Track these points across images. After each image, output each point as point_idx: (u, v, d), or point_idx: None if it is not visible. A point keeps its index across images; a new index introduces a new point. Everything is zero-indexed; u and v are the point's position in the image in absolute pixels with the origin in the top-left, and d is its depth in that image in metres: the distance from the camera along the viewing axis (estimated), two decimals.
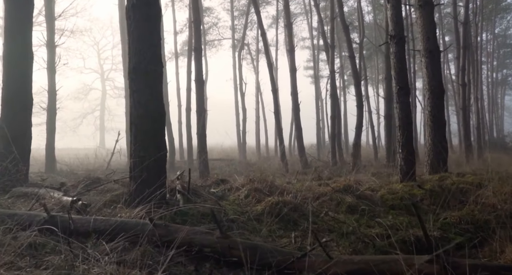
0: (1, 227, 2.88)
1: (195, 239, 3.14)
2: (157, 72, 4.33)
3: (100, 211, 4.15)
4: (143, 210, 3.47)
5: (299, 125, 15.05)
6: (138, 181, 4.20)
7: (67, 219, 3.16)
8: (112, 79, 48.18)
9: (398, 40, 5.60)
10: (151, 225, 3.16)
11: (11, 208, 4.27)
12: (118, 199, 4.46)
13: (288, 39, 14.97)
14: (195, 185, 5.39)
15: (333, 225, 4.09)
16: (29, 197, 4.86)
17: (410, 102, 5.73)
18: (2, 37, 5.95)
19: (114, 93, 47.66)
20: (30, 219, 3.17)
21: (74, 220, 3.16)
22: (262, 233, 3.88)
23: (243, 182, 5.42)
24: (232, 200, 4.92)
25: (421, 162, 9.85)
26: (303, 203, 4.60)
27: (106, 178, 6.64)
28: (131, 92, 4.33)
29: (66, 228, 3.12)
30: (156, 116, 4.31)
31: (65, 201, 4.21)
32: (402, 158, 5.64)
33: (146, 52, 4.25)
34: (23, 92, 5.91)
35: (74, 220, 3.16)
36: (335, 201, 4.63)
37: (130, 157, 4.38)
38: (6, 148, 5.56)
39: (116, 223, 3.19)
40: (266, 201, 4.48)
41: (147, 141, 4.26)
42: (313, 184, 5.86)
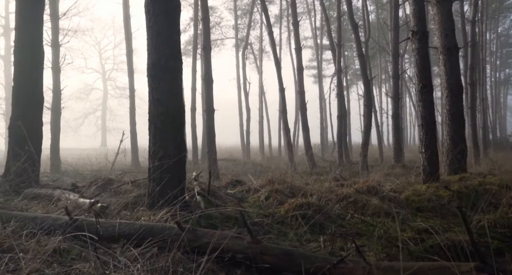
0: (24, 231, 2.72)
1: (225, 244, 2.98)
2: (177, 69, 4.17)
3: (118, 214, 4.00)
4: (168, 213, 3.30)
5: (306, 125, 14.88)
6: (158, 182, 4.04)
7: (90, 222, 3.01)
8: (113, 79, 48.12)
9: (420, 36, 5.44)
10: (179, 229, 3.00)
11: (27, 211, 4.11)
12: (136, 201, 4.31)
13: (295, 38, 14.80)
14: (212, 186, 5.23)
15: (362, 228, 3.93)
16: (43, 198, 4.71)
17: (433, 100, 5.57)
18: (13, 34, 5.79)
19: (116, 93, 47.61)
20: (52, 222, 3.01)
21: (92, 222, 3.00)
22: (289, 237, 3.71)
23: (262, 183, 5.26)
24: (252, 201, 4.77)
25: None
26: (327, 205, 4.44)
27: (117, 179, 6.47)
28: (150, 90, 4.16)
29: (89, 232, 2.96)
30: (176, 114, 4.15)
31: (82, 203, 4.05)
32: (426, 158, 5.48)
33: (166, 48, 4.08)
34: (34, 90, 5.76)
35: (92, 221, 3.00)
36: (360, 203, 4.46)
37: (149, 157, 4.22)
38: (18, 147, 5.40)
39: (141, 227, 3.03)
40: (289, 203, 4.32)
41: (167, 140, 4.10)
42: (332, 184, 5.70)
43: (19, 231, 2.83)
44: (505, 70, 45.30)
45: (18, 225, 2.88)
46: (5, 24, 29.45)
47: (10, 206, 4.27)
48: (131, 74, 17.68)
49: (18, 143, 5.43)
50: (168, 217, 3.28)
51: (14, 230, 2.80)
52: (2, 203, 4.35)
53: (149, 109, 4.19)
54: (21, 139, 5.38)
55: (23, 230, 2.82)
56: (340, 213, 4.33)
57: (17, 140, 5.45)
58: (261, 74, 27.93)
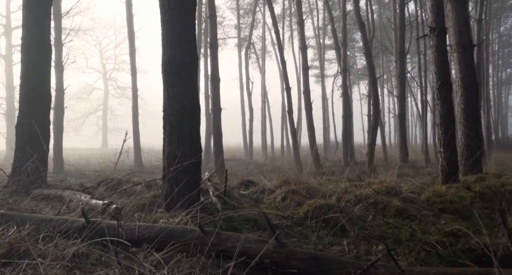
0: (39, 234, 2.58)
1: (250, 248, 2.84)
2: (193, 65, 4.03)
3: (133, 216, 3.86)
4: (188, 216, 3.16)
5: (312, 125, 14.73)
6: (174, 183, 3.90)
7: (108, 225, 2.86)
8: (114, 79, 47.93)
9: (439, 32, 5.28)
10: (201, 233, 2.86)
11: (38, 212, 3.97)
12: (150, 203, 4.16)
13: (300, 37, 14.66)
14: None
15: (386, 230, 3.78)
16: (52, 199, 4.57)
17: (452, 98, 5.43)
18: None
19: (117, 93, 47.44)
20: (68, 225, 2.87)
21: (115, 227, 2.85)
22: (311, 240, 3.57)
23: (276, 183, 5.11)
24: (268, 203, 4.62)
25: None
26: (346, 206, 4.30)
27: (126, 179, 6.33)
28: (165, 87, 4.02)
29: (105, 235, 2.82)
30: (192, 112, 4.01)
31: (95, 204, 3.91)
32: (444, 158, 5.34)
33: (182, 43, 3.94)
34: (42, 87, 5.62)
35: (114, 226, 2.85)
36: (381, 204, 4.32)
37: (164, 157, 4.07)
38: (26, 147, 5.25)
39: (161, 230, 2.89)
40: (308, 204, 4.18)
41: (182, 140, 3.96)
42: (347, 185, 5.56)
43: (35, 234, 2.69)
44: (507, 70, 45.16)
45: (33, 228, 2.74)
46: (6, 23, 29.26)
47: (20, 207, 4.13)
48: (134, 74, 17.54)
49: (26, 142, 5.28)
50: (188, 219, 3.13)
51: (29, 233, 2.66)
52: (11, 204, 4.21)
53: (164, 107, 4.05)
54: (29, 138, 5.24)
55: (38, 233, 2.69)
56: (360, 215, 4.19)
57: (24, 139, 5.30)
58: (264, 74, 27.79)
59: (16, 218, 2.88)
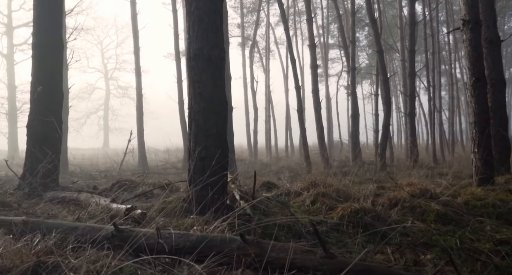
0: (66, 243, 2.32)
1: (296, 259, 2.57)
2: (221, 59, 3.77)
3: (156, 221, 3.59)
4: (225, 222, 2.89)
5: (320, 124, 14.47)
6: (200, 186, 3.64)
7: (140, 234, 2.60)
8: (115, 79, 47.66)
9: (473, 25, 5.01)
10: (242, 242, 2.60)
11: (55, 217, 3.71)
12: (172, 206, 3.90)
13: (309, 35, 14.38)
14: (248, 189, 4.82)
15: (430, 237, 3.52)
16: (68, 202, 4.30)
17: (487, 95, 5.17)
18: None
19: (118, 93, 47.15)
20: (94, 233, 2.60)
21: (149, 235, 2.59)
22: (351, 248, 3.31)
23: (302, 186, 4.85)
24: (296, 206, 4.36)
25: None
26: (381, 210, 4.03)
27: (140, 180, 6.06)
28: (190, 83, 3.75)
29: (137, 244, 2.56)
30: (220, 110, 3.75)
31: (116, 208, 3.65)
32: (479, 159, 5.07)
33: (209, 35, 3.67)
34: (54, 85, 5.35)
35: (148, 235, 2.59)
36: (418, 208, 4.05)
37: (189, 158, 3.81)
38: (37, 147, 4.98)
39: (198, 239, 2.62)
40: (342, 208, 3.91)
41: (210, 139, 3.69)
42: (373, 187, 5.29)
43: (61, 243, 2.43)
44: (510, 70, 44.90)
45: (59, 237, 2.47)
46: (8, 22, 28.96)
47: (36, 211, 3.86)
48: (138, 73, 17.26)
49: (37, 142, 5.02)
50: (225, 226, 2.86)
51: (55, 242, 2.40)
52: (26, 208, 3.94)
53: (189, 105, 3.79)
54: (41, 138, 4.98)
55: (65, 242, 2.42)
56: (397, 219, 3.93)
57: (36, 139, 5.04)
58: (268, 73, 27.52)
59: (39, 225, 2.62)
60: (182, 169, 14.96)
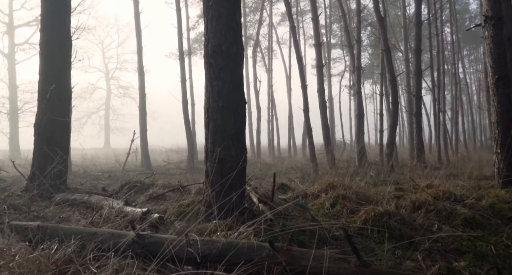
0: (85, 251, 2.16)
1: (329, 268, 2.42)
2: (240, 56, 3.61)
3: (173, 225, 3.44)
4: (250, 228, 2.73)
5: (326, 124, 14.31)
6: (218, 188, 3.48)
7: (162, 240, 2.44)
8: (116, 78, 47.48)
9: (496, 21, 4.84)
10: (271, 250, 2.44)
11: (66, 220, 3.55)
12: (188, 210, 3.74)
13: (314, 34, 14.22)
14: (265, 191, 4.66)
15: (460, 242, 3.36)
16: (78, 205, 4.14)
17: (510, 94, 4.98)
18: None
19: (119, 93, 46.97)
20: (114, 239, 2.44)
21: (172, 242, 2.43)
22: (379, 254, 3.15)
23: (319, 187, 4.69)
24: (316, 209, 4.21)
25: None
26: (407, 214, 3.87)
27: (149, 182, 5.90)
28: (208, 81, 3.59)
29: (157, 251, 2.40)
30: (239, 109, 3.59)
31: (131, 212, 3.49)
32: (502, 160, 4.90)
33: (228, 31, 3.51)
34: (61, 83, 5.19)
35: (171, 241, 2.43)
36: (444, 211, 3.89)
37: (206, 159, 3.65)
38: (45, 147, 4.82)
39: (224, 246, 2.46)
40: (365, 212, 3.75)
41: (229, 139, 3.53)
42: (391, 189, 5.14)
43: (79, 251, 2.27)
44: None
45: (77, 243, 2.31)
46: (9, 21, 28.79)
47: (47, 215, 3.71)
48: (141, 72, 17.09)
49: (45, 142, 4.86)
50: (250, 232, 2.70)
51: (74, 250, 2.24)
52: (36, 211, 3.78)
53: (207, 104, 3.63)
54: (49, 138, 4.81)
55: (84, 249, 2.27)
56: (423, 223, 3.77)
57: (44, 139, 4.88)
58: (271, 73, 27.35)
59: (56, 231, 2.46)
60: (186, 169, 14.81)
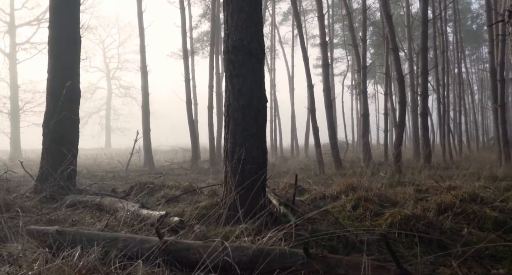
0: (112, 260, 2.00)
1: None
2: (262, 52, 3.45)
3: (192, 229, 3.27)
4: (280, 233, 2.57)
5: (332, 124, 14.18)
6: (240, 190, 3.32)
7: (188, 246, 2.29)
8: (117, 78, 47.28)
9: None
10: (305, 257, 2.29)
11: (81, 224, 3.39)
12: (205, 213, 3.58)
13: (320, 32, 14.06)
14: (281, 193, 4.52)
15: (497, 248, 3.20)
16: (90, 207, 3.98)
17: None
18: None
19: (120, 93, 46.77)
20: (137, 245, 2.29)
21: (199, 248, 2.27)
22: (410, 260, 2.99)
23: (339, 189, 4.54)
24: (337, 211, 4.04)
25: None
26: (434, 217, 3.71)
27: (160, 183, 5.74)
28: (229, 78, 3.44)
29: (185, 259, 2.25)
30: (260, 108, 3.43)
31: (148, 215, 3.33)
32: None
33: (249, 26, 3.36)
34: (71, 81, 5.01)
35: (199, 247, 2.27)
36: (472, 214, 3.74)
37: (226, 160, 3.50)
38: (54, 147, 4.66)
39: (255, 253, 2.31)
40: (391, 215, 3.60)
41: (250, 139, 3.38)
42: (410, 190, 4.98)
43: (102, 258, 2.11)
44: None
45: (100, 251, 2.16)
46: (10, 21, 28.61)
47: (59, 218, 3.55)
48: (144, 72, 16.92)
49: (54, 142, 4.70)
50: (280, 237, 2.54)
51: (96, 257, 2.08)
52: (48, 214, 3.63)
53: (227, 102, 3.47)
54: (59, 138, 4.65)
55: (106, 256, 2.11)
56: (452, 227, 3.61)
57: (52, 139, 4.72)
58: (273, 73, 27.22)
59: (75, 236, 2.30)
60: (190, 169, 14.65)
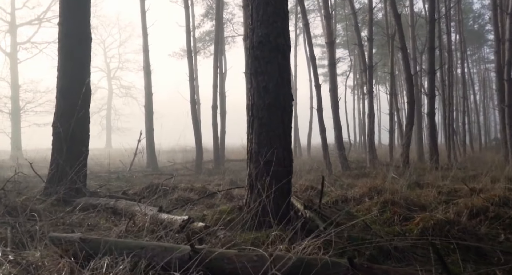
0: (142, 271, 1.82)
1: None
2: (288, 48, 3.28)
3: (215, 235, 3.09)
4: (318, 241, 2.39)
5: (338, 124, 14.00)
6: (268, 195, 3.14)
7: (222, 256, 2.11)
8: (118, 78, 47.04)
9: None
10: (349, 267, 2.11)
11: (97, 228, 3.21)
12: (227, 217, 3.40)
13: (327, 31, 13.91)
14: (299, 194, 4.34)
15: None
16: (106, 211, 3.80)
17: None
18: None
19: (121, 93, 46.53)
20: (166, 254, 2.10)
21: (233, 258, 2.09)
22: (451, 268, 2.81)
23: (361, 191, 4.36)
24: (362, 215, 3.86)
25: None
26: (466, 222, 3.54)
27: (172, 185, 5.56)
28: (253, 75, 3.26)
29: (221, 269, 2.07)
30: (286, 106, 3.26)
31: (167, 219, 3.15)
32: None
33: (276, 20, 3.18)
34: (81, 80, 4.84)
35: (236, 257, 2.09)
36: (508, 219, 3.56)
37: (249, 161, 3.32)
38: (64, 148, 4.47)
39: (294, 263, 2.13)
40: (422, 219, 3.42)
41: (275, 140, 3.20)
42: (435, 193, 4.81)
43: (132, 269, 1.94)
44: None
45: (130, 261, 1.98)
46: (11, 20, 28.41)
47: (73, 222, 3.37)
48: (147, 71, 16.74)
49: (65, 142, 4.52)
50: (318, 245, 2.36)
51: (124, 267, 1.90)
52: (62, 217, 3.45)
53: (251, 100, 3.30)
54: (68, 137, 4.48)
55: (136, 267, 1.93)
56: (486, 232, 3.44)
57: (63, 139, 4.54)
58: None
59: (99, 244, 2.12)
60: (194, 169, 14.47)
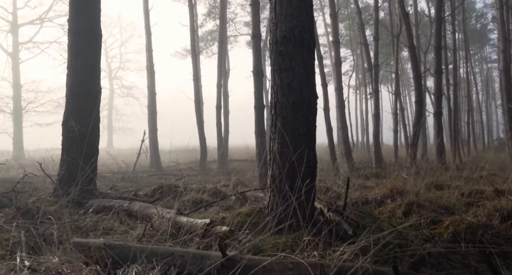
0: None
1: None
2: (313, 43, 3.13)
3: (236, 239, 2.95)
4: (358, 246, 2.24)
5: (344, 124, 13.91)
6: (289, 196, 2.99)
7: (256, 263, 1.97)
8: (119, 78, 46.86)
9: None
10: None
11: (113, 232, 3.07)
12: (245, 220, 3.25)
13: (333, 30, 13.79)
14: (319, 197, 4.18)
15: None
16: (120, 213, 3.65)
17: None
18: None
19: (122, 93, 46.33)
20: (196, 262, 1.96)
21: (269, 266, 1.95)
22: None
23: (383, 193, 4.21)
24: (386, 218, 3.72)
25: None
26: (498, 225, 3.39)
27: (184, 185, 5.41)
28: (277, 71, 3.11)
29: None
30: (311, 104, 3.11)
31: (187, 223, 3.01)
32: None
33: (301, 14, 3.04)
34: (91, 78, 4.71)
35: (271, 265, 1.95)
36: None
37: (272, 162, 3.17)
38: (74, 148, 4.34)
39: (335, 273, 1.98)
40: (451, 223, 3.27)
41: (300, 139, 3.05)
42: (454, 193, 4.66)
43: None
44: None
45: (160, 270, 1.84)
46: (13, 20, 28.26)
47: (87, 225, 3.23)
48: (151, 71, 16.59)
49: (74, 143, 4.38)
50: (355, 251, 2.22)
51: None
52: (77, 220, 3.30)
53: (274, 98, 3.15)
54: (78, 137, 4.33)
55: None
56: None
57: (72, 140, 4.40)
58: None
59: (123, 250, 1.98)
60: (198, 170, 14.32)
